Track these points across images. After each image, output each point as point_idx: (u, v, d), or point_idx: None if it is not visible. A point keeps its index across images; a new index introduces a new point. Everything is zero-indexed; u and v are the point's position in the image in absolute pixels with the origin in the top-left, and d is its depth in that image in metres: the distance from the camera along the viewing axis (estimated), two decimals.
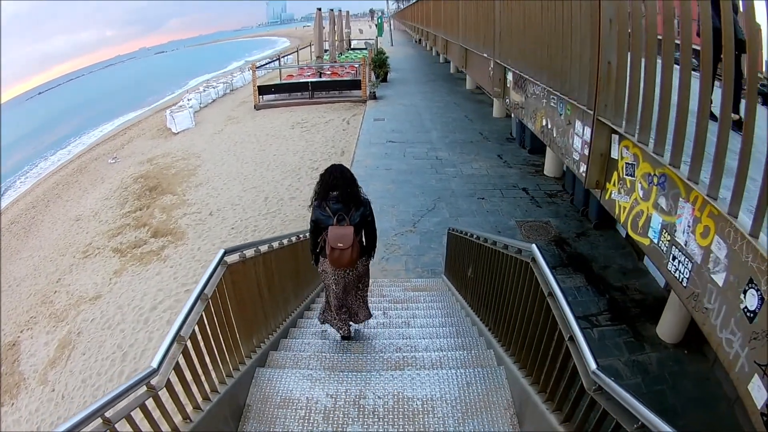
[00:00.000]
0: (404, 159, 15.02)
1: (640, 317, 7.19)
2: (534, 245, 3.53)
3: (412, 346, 4.68)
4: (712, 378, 5.97)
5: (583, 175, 4.67)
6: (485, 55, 9.43)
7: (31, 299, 11.31)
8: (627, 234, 9.28)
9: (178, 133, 23.60)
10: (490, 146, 15.94)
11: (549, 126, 5.62)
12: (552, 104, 5.46)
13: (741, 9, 3.02)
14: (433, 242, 10.10)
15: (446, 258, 8.65)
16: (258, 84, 25.55)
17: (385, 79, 28.33)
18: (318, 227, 4.54)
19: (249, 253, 4.33)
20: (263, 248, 4.62)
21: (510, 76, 7.76)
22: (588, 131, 4.40)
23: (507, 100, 8.04)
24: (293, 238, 5.89)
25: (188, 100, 28.47)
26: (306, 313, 6.27)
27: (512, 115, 16.38)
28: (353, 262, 4.50)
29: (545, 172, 13.25)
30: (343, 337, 5.06)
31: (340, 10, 37.38)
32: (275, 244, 5.04)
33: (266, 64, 30.34)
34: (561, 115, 5.14)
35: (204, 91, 30.91)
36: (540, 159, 14.09)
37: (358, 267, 4.73)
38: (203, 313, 3.30)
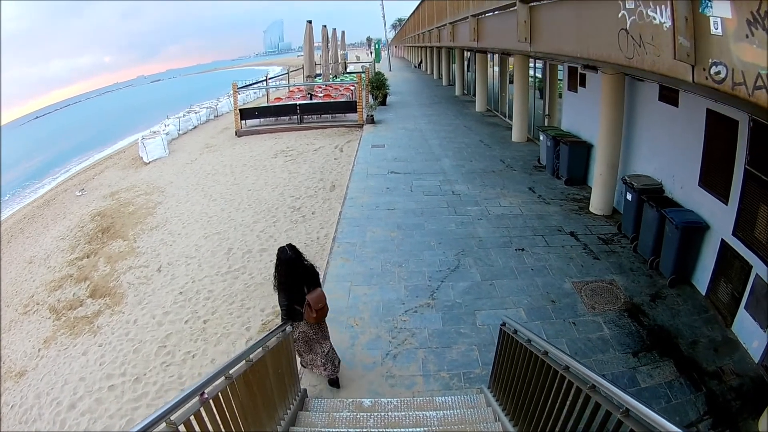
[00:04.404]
0: (412, 195, 11.94)
1: (741, 412, 5.41)
2: None
3: None
4: None
5: None
6: None
7: None
8: (708, 291, 7.09)
9: (149, 162, 21.36)
10: (517, 176, 12.97)
11: None
12: None
13: None
14: (462, 323, 6.90)
15: (495, 364, 5.36)
16: (240, 107, 22.72)
17: (384, 102, 25.86)
18: (292, 304, 5.37)
19: None
20: None
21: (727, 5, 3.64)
22: None
23: (718, 69, 3.93)
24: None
25: (165, 125, 25.60)
26: None
27: (541, 138, 13.60)
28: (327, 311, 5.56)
29: (592, 209, 10.43)
30: (332, 382, 5.87)
31: (335, 29, 34.36)
32: None
33: (250, 84, 27.14)
34: None
35: (184, 116, 28.04)
36: (580, 192, 11.43)
37: None
38: None
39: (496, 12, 9.87)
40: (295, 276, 5.29)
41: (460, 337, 6.64)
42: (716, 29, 3.71)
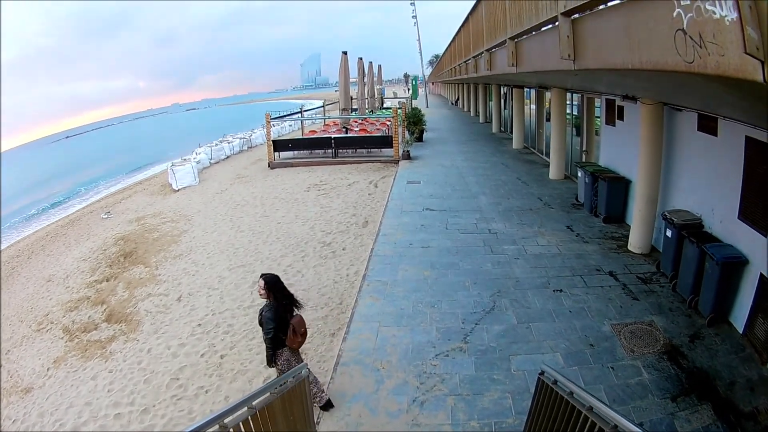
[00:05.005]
0: (447, 232, 11.48)
1: None
2: None
3: None
4: None
5: None
6: None
7: None
8: (746, 329, 6.82)
9: (178, 190, 21.35)
10: (555, 215, 12.45)
11: None
12: None
13: None
14: (495, 370, 6.37)
15: (530, 415, 4.78)
16: (274, 139, 22.74)
17: (420, 138, 25.66)
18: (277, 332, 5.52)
19: None
20: None
21: None
22: None
23: None
24: None
25: (196, 154, 25.70)
26: None
27: (579, 175, 13.18)
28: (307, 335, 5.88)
29: (630, 248, 9.96)
30: (329, 404, 5.81)
31: (371, 62, 34.34)
32: None
33: (284, 116, 27.07)
34: None
35: (216, 145, 28.19)
36: (618, 230, 10.97)
37: None
38: None
39: (534, 33, 9.31)
40: (288, 296, 5.70)
41: (493, 383, 6.15)
42: None
